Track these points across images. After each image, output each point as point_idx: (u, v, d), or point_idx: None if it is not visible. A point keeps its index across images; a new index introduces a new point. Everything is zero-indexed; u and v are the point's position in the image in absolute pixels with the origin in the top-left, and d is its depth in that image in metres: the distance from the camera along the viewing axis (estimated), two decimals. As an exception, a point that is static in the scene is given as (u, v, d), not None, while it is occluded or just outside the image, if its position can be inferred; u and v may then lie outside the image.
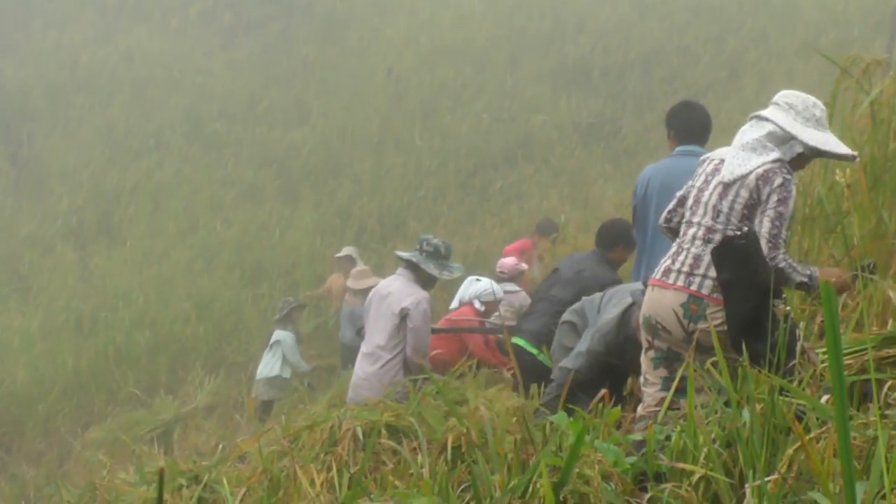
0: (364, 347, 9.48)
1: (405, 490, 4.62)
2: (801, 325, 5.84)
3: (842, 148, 5.74)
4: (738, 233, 5.20)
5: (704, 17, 26.27)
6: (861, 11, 19.95)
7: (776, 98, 5.85)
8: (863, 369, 4.30)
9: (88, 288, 19.78)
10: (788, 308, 4.59)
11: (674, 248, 5.89)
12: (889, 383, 4.07)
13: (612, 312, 7.33)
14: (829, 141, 5.73)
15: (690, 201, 5.90)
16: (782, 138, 5.68)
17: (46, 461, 15.02)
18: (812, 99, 5.82)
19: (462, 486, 4.77)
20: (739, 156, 5.78)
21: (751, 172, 5.66)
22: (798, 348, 4.57)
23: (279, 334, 14.59)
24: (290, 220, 21.24)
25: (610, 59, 25.36)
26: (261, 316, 17.48)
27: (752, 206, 5.64)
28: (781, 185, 5.59)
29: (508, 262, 12.70)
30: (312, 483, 5.69)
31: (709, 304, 5.51)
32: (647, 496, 3.92)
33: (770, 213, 5.57)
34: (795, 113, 5.77)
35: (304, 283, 18.61)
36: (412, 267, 9.50)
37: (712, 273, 5.56)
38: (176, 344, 17.43)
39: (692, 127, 8.09)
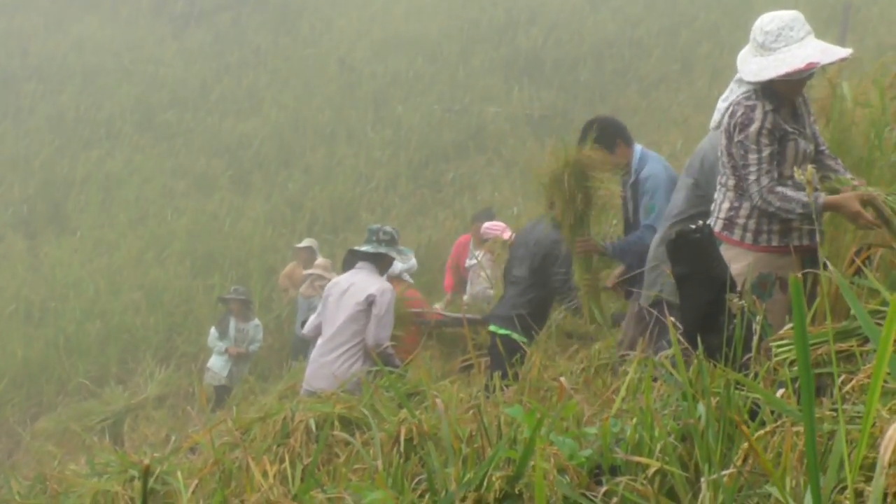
0: (321, 338, 9.44)
1: (360, 483, 4.60)
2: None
3: (787, 65, 5.59)
4: (693, 227, 5.20)
5: (657, 9, 26.41)
6: (812, 5, 19.99)
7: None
8: (816, 363, 4.30)
9: (38, 277, 19.62)
10: (743, 302, 4.57)
11: None
12: (842, 377, 4.08)
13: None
14: (768, 66, 5.66)
15: None
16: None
17: (-6, 452, 14.91)
18: (763, 19, 5.80)
19: (416, 479, 4.75)
20: (719, 107, 6.00)
21: (724, 117, 5.87)
22: (754, 342, 4.56)
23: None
24: (242, 211, 21.16)
25: (562, 51, 25.43)
26: (212, 306, 17.36)
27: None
28: (739, 114, 5.69)
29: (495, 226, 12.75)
30: (265, 475, 5.67)
31: (719, 240, 5.73)
32: (603, 490, 3.91)
33: (735, 150, 5.70)
34: (752, 45, 5.85)
35: (255, 273, 18.52)
36: (372, 259, 9.50)
37: (722, 214, 5.84)
38: (126, 334, 17.32)
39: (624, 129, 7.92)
